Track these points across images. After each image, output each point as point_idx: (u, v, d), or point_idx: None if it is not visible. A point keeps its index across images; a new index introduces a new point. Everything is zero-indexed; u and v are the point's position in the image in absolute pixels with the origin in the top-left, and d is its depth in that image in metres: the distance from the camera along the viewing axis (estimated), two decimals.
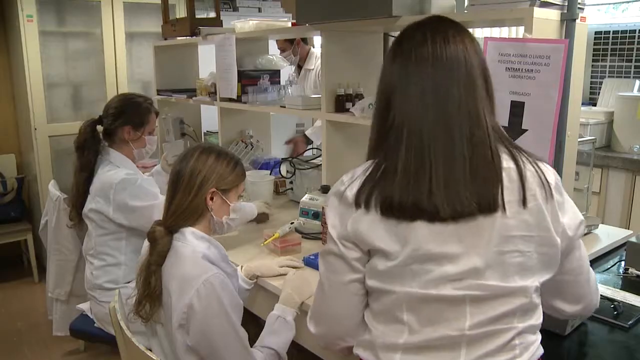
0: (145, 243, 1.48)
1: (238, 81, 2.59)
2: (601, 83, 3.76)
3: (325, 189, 2.13)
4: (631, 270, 1.67)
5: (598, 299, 1.21)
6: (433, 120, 1.01)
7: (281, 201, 2.61)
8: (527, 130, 1.40)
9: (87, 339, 2.58)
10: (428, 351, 1.03)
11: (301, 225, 2.01)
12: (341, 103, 2.12)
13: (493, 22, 1.96)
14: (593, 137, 2.15)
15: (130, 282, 2.03)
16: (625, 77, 3.66)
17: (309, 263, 1.76)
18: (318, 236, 1.99)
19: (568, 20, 1.44)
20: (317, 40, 3.51)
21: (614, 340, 1.32)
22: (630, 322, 1.37)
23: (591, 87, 3.92)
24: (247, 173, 2.60)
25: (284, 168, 2.61)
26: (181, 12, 3.90)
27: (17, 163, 3.99)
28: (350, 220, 1.06)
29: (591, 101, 3.87)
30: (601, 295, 1.34)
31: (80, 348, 2.90)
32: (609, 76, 3.74)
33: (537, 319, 1.07)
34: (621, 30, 3.66)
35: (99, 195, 2.08)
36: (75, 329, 2.30)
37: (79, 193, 2.15)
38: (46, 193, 2.70)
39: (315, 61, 3.52)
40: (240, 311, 1.41)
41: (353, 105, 2.04)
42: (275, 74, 2.78)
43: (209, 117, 3.47)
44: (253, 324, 1.54)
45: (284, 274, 1.67)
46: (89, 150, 2.12)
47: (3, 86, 3.99)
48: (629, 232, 1.97)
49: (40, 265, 3.74)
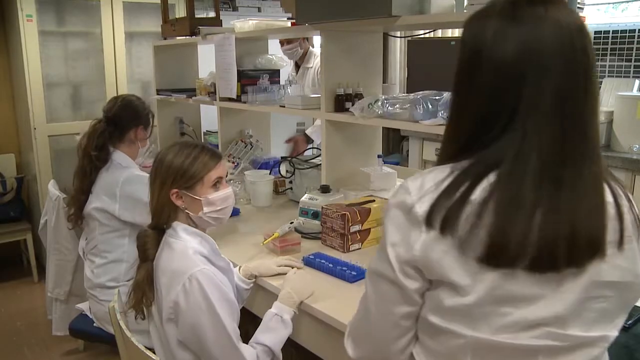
0: None
1: (238, 81, 2.59)
2: (601, 83, 3.76)
3: (324, 189, 2.13)
4: None
5: None
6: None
7: (281, 201, 2.61)
8: None
9: (87, 339, 2.58)
10: None
11: (301, 224, 2.01)
12: (341, 103, 2.12)
13: None
14: None
15: (130, 280, 2.04)
16: (625, 77, 3.65)
17: (309, 263, 1.76)
18: (318, 236, 1.99)
19: None
20: (317, 40, 3.51)
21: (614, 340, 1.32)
22: (629, 322, 1.36)
23: None
24: (247, 173, 2.62)
25: (284, 168, 2.61)
26: (181, 12, 3.90)
27: (17, 163, 3.99)
28: (419, 242, 0.87)
29: None
30: None
31: (79, 348, 2.90)
32: (609, 76, 3.74)
33: None
34: (621, 30, 3.66)
35: (105, 193, 2.11)
36: (74, 329, 2.31)
37: (84, 194, 2.16)
38: (46, 193, 2.70)
39: (314, 59, 3.51)
40: (230, 306, 1.41)
41: (353, 104, 2.04)
42: (274, 74, 2.78)
43: (209, 117, 3.48)
44: (253, 324, 1.54)
45: (283, 274, 1.67)
46: (105, 151, 2.16)
47: (2, 86, 3.99)
48: None
49: (39, 265, 3.74)
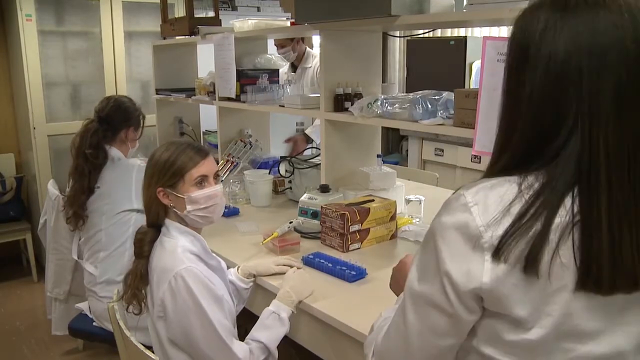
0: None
1: (237, 80, 2.59)
2: None
3: (324, 188, 2.13)
4: None
5: None
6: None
7: (280, 200, 2.61)
8: None
9: (86, 338, 2.58)
10: None
11: (300, 224, 2.01)
12: (340, 102, 2.12)
13: (492, 22, 1.96)
14: None
15: None
16: None
17: (308, 262, 1.76)
18: (317, 235, 1.99)
19: None
20: (316, 39, 3.51)
21: None
22: None
23: None
24: (246, 172, 2.62)
25: (283, 167, 2.61)
26: (180, 12, 3.90)
27: (16, 162, 3.99)
28: (487, 273, 0.77)
29: None
30: None
31: (79, 347, 2.90)
32: None
33: None
34: None
35: (118, 186, 2.15)
36: (74, 328, 2.31)
37: (84, 193, 2.16)
38: (45, 192, 2.70)
39: (312, 59, 3.52)
40: (220, 304, 1.41)
41: (352, 104, 2.04)
42: (274, 73, 2.78)
43: (208, 117, 3.47)
44: (252, 323, 1.54)
45: (281, 273, 1.67)
46: (101, 150, 2.17)
47: (2, 86, 3.99)
48: None
49: (39, 264, 3.74)
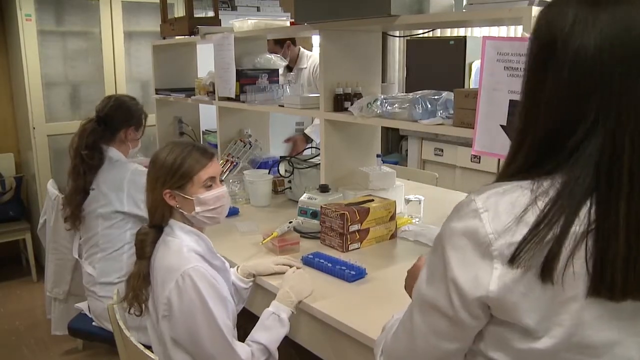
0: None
1: (236, 80, 2.59)
2: None
3: (323, 188, 2.13)
4: None
5: None
6: None
7: (279, 200, 2.61)
8: None
9: (86, 338, 2.57)
10: None
11: (300, 224, 2.01)
12: (340, 102, 2.12)
13: (491, 22, 1.96)
14: None
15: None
16: None
17: (308, 262, 1.76)
18: (317, 235, 1.99)
19: None
20: (316, 39, 3.51)
21: None
22: None
23: None
24: (246, 172, 2.62)
25: (283, 167, 2.61)
26: (180, 12, 3.90)
27: (16, 162, 3.98)
28: (494, 280, 0.75)
29: None
30: None
31: (78, 347, 2.90)
32: None
33: None
34: None
35: (111, 189, 2.13)
36: (73, 328, 2.31)
37: (79, 193, 2.16)
38: (44, 192, 2.70)
39: (307, 60, 3.54)
40: (224, 304, 1.41)
41: (351, 104, 2.04)
42: (273, 73, 2.78)
43: (208, 116, 3.47)
44: (252, 323, 1.54)
45: (280, 272, 1.67)
46: (97, 151, 2.16)
47: (1, 85, 3.98)
48: None
49: (38, 264, 3.74)
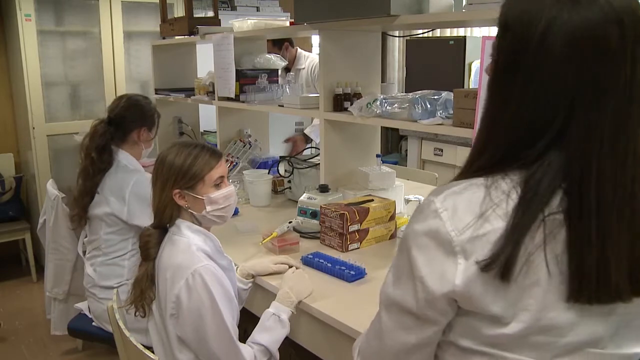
0: None
1: (236, 80, 2.59)
2: None
3: (323, 188, 2.13)
4: None
5: None
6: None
7: (279, 200, 2.61)
8: None
9: (85, 338, 2.57)
10: None
11: (299, 224, 2.01)
12: (339, 102, 2.12)
13: (491, 22, 1.96)
14: None
15: (131, 279, 2.04)
16: None
17: (307, 262, 1.76)
18: (316, 235, 1.99)
19: None
20: (316, 39, 3.51)
21: None
22: None
23: None
24: (245, 172, 2.62)
25: (282, 167, 2.61)
26: (179, 11, 3.90)
27: (15, 162, 3.98)
28: (459, 275, 0.77)
29: None
30: None
31: (78, 347, 2.90)
32: None
33: None
34: None
35: (113, 196, 2.10)
36: (73, 328, 2.31)
37: (87, 195, 2.15)
38: (44, 192, 2.69)
39: (305, 60, 3.54)
40: (231, 304, 1.42)
41: (351, 104, 2.04)
42: (273, 73, 2.78)
43: (207, 116, 3.48)
44: (251, 323, 1.54)
45: (279, 272, 1.67)
46: (107, 152, 2.14)
47: (1, 85, 3.98)
48: None
49: (38, 264, 3.74)
